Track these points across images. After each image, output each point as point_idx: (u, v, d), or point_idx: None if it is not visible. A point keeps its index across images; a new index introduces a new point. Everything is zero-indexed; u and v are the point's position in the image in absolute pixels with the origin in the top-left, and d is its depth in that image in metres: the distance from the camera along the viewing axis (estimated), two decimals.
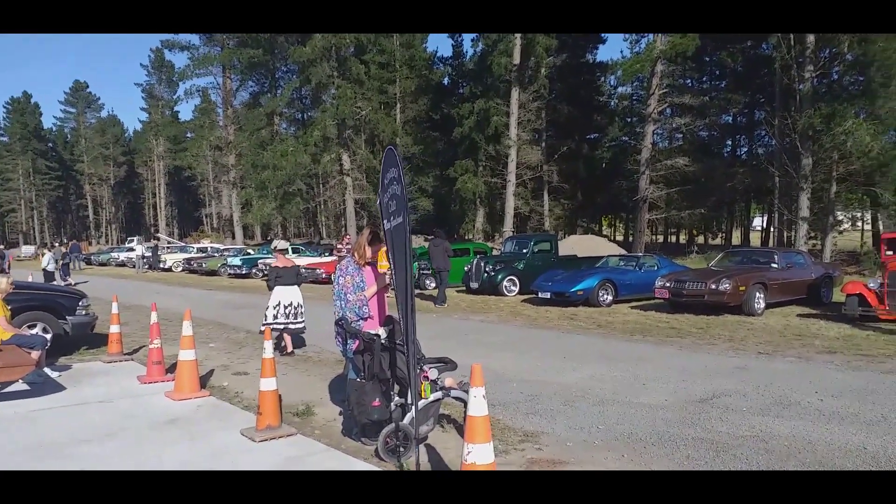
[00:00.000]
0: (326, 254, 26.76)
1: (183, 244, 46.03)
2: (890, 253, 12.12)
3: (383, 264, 5.00)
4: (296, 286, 9.09)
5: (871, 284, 11.24)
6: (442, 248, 15.42)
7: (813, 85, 21.72)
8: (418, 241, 36.69)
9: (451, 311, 14.21)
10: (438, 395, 4.94)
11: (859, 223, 28.99)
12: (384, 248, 4.97)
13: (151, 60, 69.92)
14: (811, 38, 21.07)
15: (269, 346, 5.34)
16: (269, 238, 47.78)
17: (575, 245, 27.85)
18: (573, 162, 38.57)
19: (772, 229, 31.38)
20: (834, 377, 7.16)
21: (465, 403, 4.94)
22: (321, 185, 43.32)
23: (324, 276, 22.86)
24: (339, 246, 19.41)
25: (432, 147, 43.07)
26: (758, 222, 42.76)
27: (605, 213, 48.24)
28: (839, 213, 24.12)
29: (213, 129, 50.62)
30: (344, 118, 36.73)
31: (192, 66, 45.18)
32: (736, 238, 38.61)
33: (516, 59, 31.89)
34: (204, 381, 7.21)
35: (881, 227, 23.97)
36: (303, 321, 9.07)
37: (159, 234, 60.97)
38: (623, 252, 24.40)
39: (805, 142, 21.40)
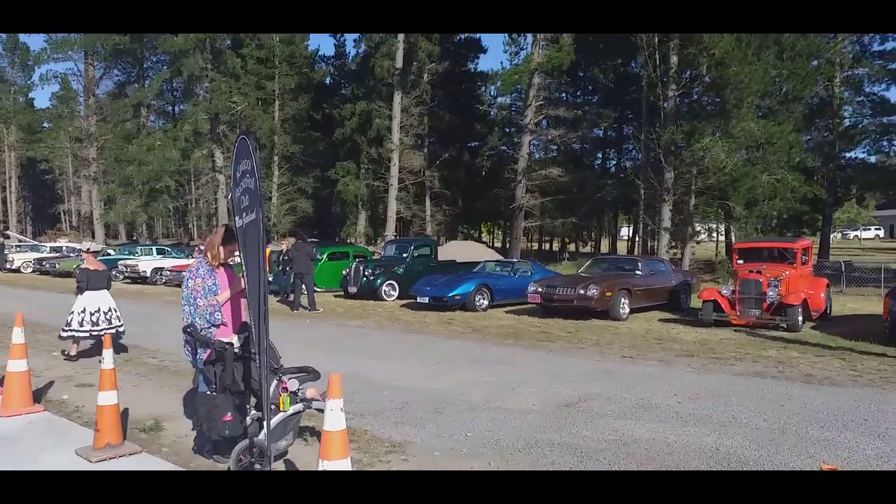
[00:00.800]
0: (192, 256, 25.29)
1: (35, 243, 42.06)
2: (741, 262, 13.06)
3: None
4: (106, 290, 8.79)
5: (724, 291, 12.03)
6: (304, 251, 14.93)
7: (675, 103, 23.17)
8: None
9: (328, 318, 13.80)
10: (299, 407, 4.63)
11: (715, 234, 31.28)
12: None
13: (3, 40, 63.57)
14: (675, 58, 22.49)
15: (108, 355, 4.81)
16: (133, 238, 44.72)
17: (455, 250, 28.01)
18: (455, 168, 38.97)
19: (637, 238, 33.17)
20: (691, 380, 7.50)
21: None
22: (192, 183, 41.12)
23: None
24: (200, 247, 18.31)
25: (313, 147, 42.10)
26: (625, 232, 45.27)
27: (485, 220, 49.17)
28: (697, 224, 25.83)
29: (73, 120, 46.72)
30: (217, 113, 35.08)
31: (49, 50, 41.43)
32: (605, 246, 40.58)
33: (399, 63, 31.81)
34: (40, 395, 6.47)
35: (734, 238, 25.93)
36: (122, 324, 8.85)
37: (8, 232, 55.44)
38: (500, 258, 24.88)
39: (667, 157, 22.76)
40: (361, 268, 16.95)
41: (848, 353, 9.14)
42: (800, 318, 11.33)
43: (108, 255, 28.07)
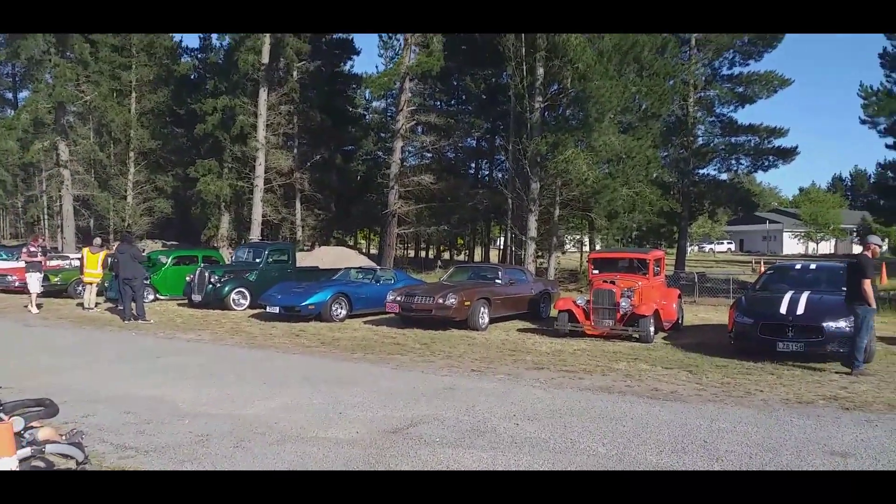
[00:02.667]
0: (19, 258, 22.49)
1: None
2: (596, 272, 13.03)
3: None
4: None
5: (580, 301, 11.88)
6: (129, 254, 13.42)
7: (541, 115, 23.44)
8: (156, 247, 33.06)
9: (161, 329, 12.39)
10: (26, 452, 3.59)
11: (579, 245, 32.16)
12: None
13: None
14: (541, 70, 22.73)
15: None
16: None
17: (324, 256, 26.97)
18: (327, 172, 37.66)
19: (507, 248, 33.48)
20: (536, 396, 7.04)
21: (77, 460, 3.68)
22: (34, 178, 37.13)
23: (16, 283, 19.12)
24: (29, 248, 16.15)
25: (174, 144, 39.33)
26: (503, 241, 45.83)
27: (361, 226, 48.14)
28: (563, 234, 26.29)
29: None
30: (62, 102, 31.80)
31: None
32: (478, 254, 40.79)
33: (265, 59, 30.24)
34: None
35: (598, 249, 26.65)
36: None
37: None
38: (372, 265, 24.07)
39: (534, 168, 22.93)
40: (207, 274, 15.51)
41: (695, 366, 9.11)
42: (651, 329, 11.34)
43: None
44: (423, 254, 44.06)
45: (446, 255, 41.05)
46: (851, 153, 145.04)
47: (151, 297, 17.16)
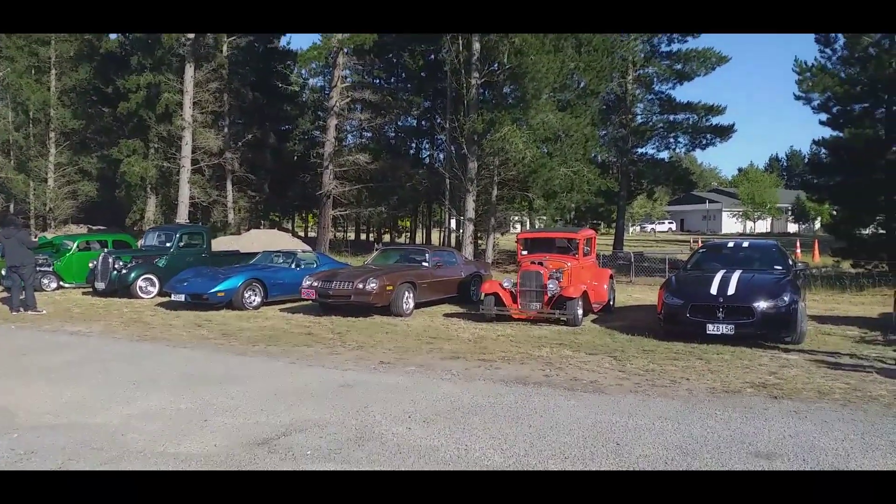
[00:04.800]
0: None
1: None
2: (525, 252, 12.40)
3: None
4: None
5: (506, 284, 11.22)
6: (16, 238, 12.10)
7: (478, 92, 22.64)
8: (81, 232, 31.03)
9: (48, 320, 11.19)
10: None
11: (518, 225, 31.69)
12: None
13: None
14: (477, 45, 21.90)
15: None
16: None
17: (255, 240, 25.67)
18: (260, 151, 36.09)
19: (451, 229, 32.75)
20: (442, 392, 6.32)
21: None
22: None
23: None
24: None
25: (99, 123, 37.05)
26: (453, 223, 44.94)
27: (299, 208, 46.67)
28: (501, 215, 25.69)
29: None
30: None
31: None
32: (420, 237, 39.95)
33: (191, 33, 28.54)
34: None
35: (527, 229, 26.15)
36: None
37: None
38: (306, 248, 22.98)
39: (471, 146, 22.17)
40: (111, 259, 14.27)
41: (620, 351, 8.55)
42: (579, 312, 10.79)
43: None
44: (363, 237, 42.97)
45: (387, 238, 40.10)
46: (788, 134, 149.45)
47: (55, 284, 15.87)
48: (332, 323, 10.97)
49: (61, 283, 15.98)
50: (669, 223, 77.37)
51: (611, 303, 12.79)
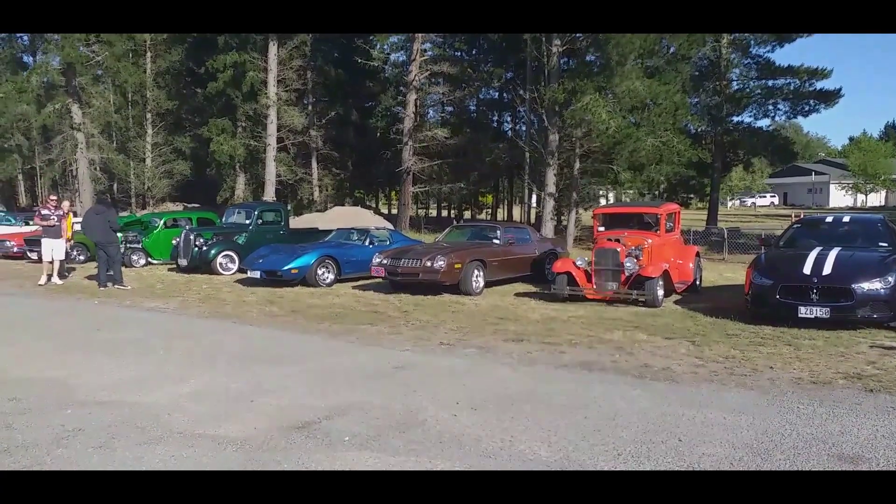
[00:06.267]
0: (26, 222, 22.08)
1: None
2: (602, 229, 11.79)
3: None
4: None
5: (580, 262, 10.71)
6: (104, 217, 12.58)
7: (559, 60, 21.79)
8: (177, 210, 32.49)
9: (130, 296, 11.62)
10: None
11: (602, 200, 30.58)
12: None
13: None
14: None
15: None
16: None
17: (337, 217, 26.03)
18: (343, 129, 36.52)
19: (532, 205, 32.10)
20: (497, 377, 6.01)
21: None
22: (48, 141, 36.86)
23: (14, 249, 18.71)
24: (43, 210, 14.02)
25: (192, 104, 38.50)
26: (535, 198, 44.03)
27: (383, 185, 47.06)
28: (584, 189, 24.83)
29: None
30: (71, 62, 31.15)
31: None
32: (502, 213, 39.41)
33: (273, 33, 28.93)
34: None
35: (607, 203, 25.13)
36: None
37: None
38: (388, 225, 23.09)
39: (551, 118, 21.43)
40: (192, 237, 14.71)
41: (701, 335, 7.93)
42: (660, 292, 10.16)
43: None
44: (444, 213, 42.86)
45: (467, 214, 39.80)
46: None
47: (143, 261, 16.57)
48: (399, 301, 10.84)
49: (149, 259, 16.66)
50: (771, 197, 72.95)
51: (697, 282, 12.05)
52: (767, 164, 45.70)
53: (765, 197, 71.57)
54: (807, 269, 8.23)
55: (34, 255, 16.95)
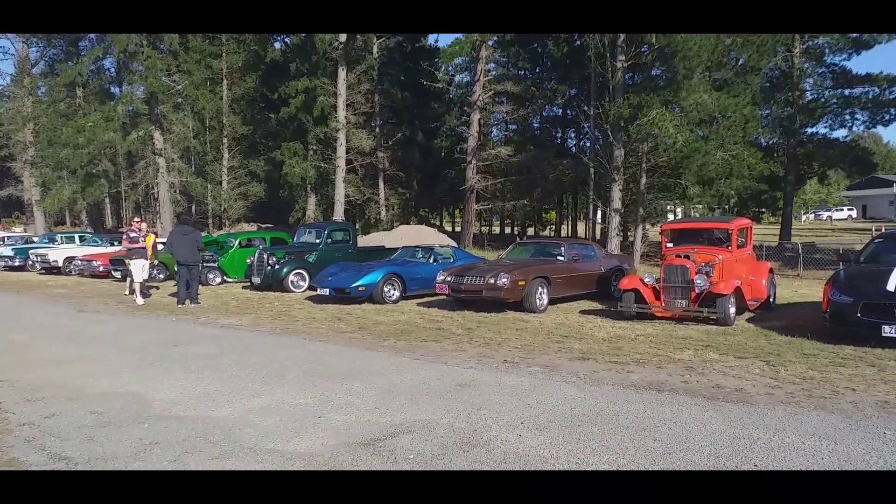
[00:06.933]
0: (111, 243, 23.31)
1: None
2: (670, 245, 11.54)
3: None
4: None
5: (647, 279, 10.50)
6: (192, 237, 13.19)
7: (624, 75, 21.54)
8: (251, 230, 33.71)
9: (206, 313, 12.09)
10: None
11: (671, 215, 29.84)
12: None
13: None
14: None
15: None
16: (76, 224, 42.44)
17: (403, 235, 26.47)
18: (409, 149, 37.13)
19: (597, 221, 31.68)
20: (563, 396, 5.94)
21: None
22: (132, 166, 38.88)
23: (101, 269, 19.78)
24: (129, 234, 14.58)
25: (265, 128, 39.95)
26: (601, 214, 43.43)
27: (447, 204, 47.48)
28: (650, 204, 24.35)
29: (13, 101, 43.99)
30: (154, 92, 32.87)
31: None
32: (565, 229, 39.04)
33: (342, 37, 29.83)
34: None
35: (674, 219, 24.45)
36: None
37: None
38: (452, 243, 23.27)
39: (616, 133, 21.19)
40: (265, 256, 15.21)
41: (776, 354, 7.64)
42: (732, 310, 9.84)
43: (30, 243, 26.17)
44: (507, 230, 42.78)
45: (531, 231, 39.61)
46: None
47: (219, 279, 17.21)
48: (463, 318, 10.87)
49: (225, 277, 17.30)
50: (849, 210, 69.56)
51: (770, 300, 11.62)
52: (844, 176, 43.70)
53: (842, 210, 68.34)
54: (890, 287, 7.83)
55: (118, 274, 17.89)
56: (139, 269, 13.69)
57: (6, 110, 41.42)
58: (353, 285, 12.82)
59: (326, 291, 13.10)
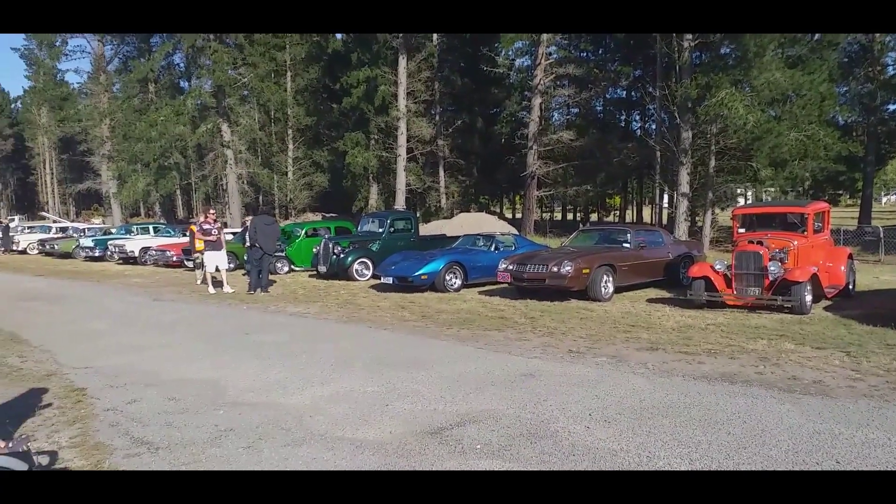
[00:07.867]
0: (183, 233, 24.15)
1: (67, 224, 41.71)
2: (742, 230, 11.14)
3: None
4: None
5: (718, 266, 10.18)
6: (274, 227, 13.66)
7: (691, 54, 20.84)
8: (315, 220, 34.42)
9: (276, 301, 12.42)
10: None
11: (741, 199, 28.79)
12: None
13: None
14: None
15: None
16: (150, 216, 44.27)
17: (463, 223, 26.48)
18: (469, 136, 37.05)
19: (663, 206, 30.90)
20: (631, 387, 5.84)
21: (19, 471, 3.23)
22: (201, 159, 40.17)
23: (174, 259, 20.56)
24: (202, 226, 14.19)
25: (327, 119, 40.61)
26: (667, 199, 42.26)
27: (507, 191, 47.19)
28: (720, 188, 23.55)
29: (91, 97, 46.15)
30: (221, 85, 33.82)
31: None
32: (630, 215, 38.26)
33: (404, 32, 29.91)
34: None
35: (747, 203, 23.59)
36: None
37: (44, 213, 55.79)
38: (512, 230, 23.16)
39: (684, 114, 20.55)
40: (331, 245, 15.49)
41: (856, 345, 7.29)
42: (808, 298, 9.45)
43: (109, 234, 27.42)
44: (569, 216, 42.22)
45: (594, 217, 38.97)
46: None
47: (287, 268, 17.63)
48: (525, 307, 10.81)
49: (292, 266, 17.71)
50: None
51: (850, 287, 11.10)
52: None
53: None
54: None
55: (190, 264, 18.56)
56: (216, 260, 14.06)
57: (84, 107, 43.36)
58: (416, 274, 12.91)
59: (390, 280, 13.24)
